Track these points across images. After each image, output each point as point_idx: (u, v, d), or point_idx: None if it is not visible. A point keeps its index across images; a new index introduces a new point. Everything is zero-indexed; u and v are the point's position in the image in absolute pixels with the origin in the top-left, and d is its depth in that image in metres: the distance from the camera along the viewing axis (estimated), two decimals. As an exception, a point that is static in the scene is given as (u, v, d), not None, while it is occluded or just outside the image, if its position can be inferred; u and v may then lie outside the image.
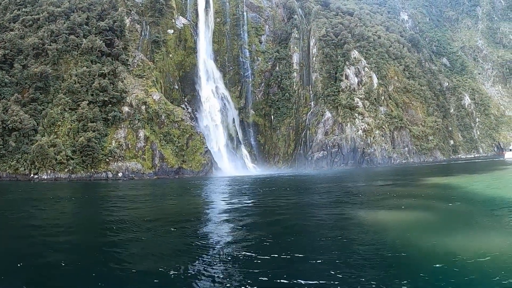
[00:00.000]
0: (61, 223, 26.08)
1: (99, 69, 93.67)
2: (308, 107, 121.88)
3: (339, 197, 36.53)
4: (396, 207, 27.32)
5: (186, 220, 25.21)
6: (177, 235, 20.09)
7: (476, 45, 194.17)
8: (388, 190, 41.48)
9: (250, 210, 30.03)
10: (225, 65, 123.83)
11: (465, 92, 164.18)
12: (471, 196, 33.49)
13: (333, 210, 28.33)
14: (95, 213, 30.36)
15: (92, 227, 24.14)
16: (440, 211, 25.30)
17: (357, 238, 18.19)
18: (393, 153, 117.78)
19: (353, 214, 24.82)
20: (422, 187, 42.70)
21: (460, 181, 48.17)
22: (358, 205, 29.63)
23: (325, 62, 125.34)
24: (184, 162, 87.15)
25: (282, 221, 24.25)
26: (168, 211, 31.17)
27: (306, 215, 26.69)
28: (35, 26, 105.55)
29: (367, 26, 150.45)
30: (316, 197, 38.18)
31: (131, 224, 23.72)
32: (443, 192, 36.73)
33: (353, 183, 54.61)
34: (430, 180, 50.78)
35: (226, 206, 33.66)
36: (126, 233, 21.11)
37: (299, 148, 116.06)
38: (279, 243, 17.90)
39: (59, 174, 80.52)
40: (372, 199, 33.54)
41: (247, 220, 25.17)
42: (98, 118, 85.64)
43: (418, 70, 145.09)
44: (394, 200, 30.93)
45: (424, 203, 29.40)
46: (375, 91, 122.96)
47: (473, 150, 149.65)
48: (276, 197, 39.54)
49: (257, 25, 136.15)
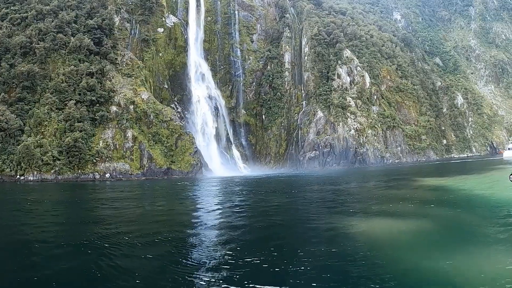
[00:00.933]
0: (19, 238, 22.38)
1: (87, 68, 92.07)
2: (300, 107, 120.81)
3: (330, 202, 34.27)
4: (391, 215, 25.06)
5: (172, 230, 23.56)
6: (162, 250, 18.32)
7: (469, 44, 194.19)
8: (381, 193, 39.68)
9: (233, 216, 28.51)
10: (216, 64, 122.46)
11: (458, 92, 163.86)
12: (472, 200, 31.04)
13: (322, 217, 25.99)
14: (63, 224, 28.10)
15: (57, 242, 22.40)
16: (438, 220, 22.98)
17: (344, 253, 16.22)
18: (386, 152, 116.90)
19: (343, 223, 22.63)
20: (417, 190, 40.69)
21: (457, 183, 46.07)
22: (349, 212, 27.27)
23: (317, 61, 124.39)
24: (173, 162, 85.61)
25: (266, 231, 22.43)
26: (154, 217, 29.60)
27: (294, 223, 24.72)
28: (23, 25, 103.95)
29: (360, 25, 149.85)
30: (305, 201, 36.43)
31: (110, 235, 22.07)
32: (441, 196, 34.45)
33: (345, 185, 53.09)
34: (426, 182, 48.79)
35: (211, 211, 32.22)
36: (105, 242, 19.53)
37: (290, 148, 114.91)
38: (258, 254, 16.38)
39: (46, 175, 78.79)
40: (364, 204, 31.28)
41: (226, 230, 23.67)
42: (85, 118, 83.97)
43: (411, 70, 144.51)
44: (388, 206, 28.75)
45: (421, 209, 26.85)
46: (368, 91, 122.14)
47: (466, 149, 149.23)
48: (264, 201, 37.94)
49: (248, 24, 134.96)
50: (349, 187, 49.40)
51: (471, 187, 40.20)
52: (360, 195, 39.61)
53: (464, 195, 34.42)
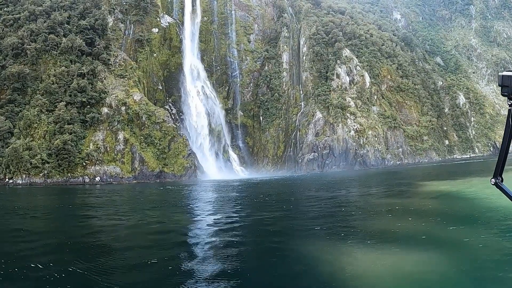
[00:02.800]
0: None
1: (78, 69, 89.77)
2: (298, 108, 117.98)
3: (324, 218, 29.53)
4: (397, 242, 19.35)
5: (159, 253, 20.72)
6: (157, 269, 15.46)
7: (470, 44, 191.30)
8: (385, 204, 35.84)
9: (220, 231, 25.81)
10: (212, 65, 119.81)
11: (459, 91, 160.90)
12: (489, 213, 26.21)
13: (310, 245, 21.06)
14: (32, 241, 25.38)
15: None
16: (451, 248, 18.41)
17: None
18: (387, 154, 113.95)
19: (334, 256, 18.52)
20: (422, 198, 36.77)
21: (466, 188, 41.85)
22: (345, 236, 22.83)
23: (316, 61, 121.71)
24: (165, 165, 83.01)
25: (243, 257, 19.33)
26: (145, 228, 26.79)
27: (278, 250, 20.60)
28: (16, 26, 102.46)
29: (359, 24, 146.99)
30: (298, 214, 33.06)
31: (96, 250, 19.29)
32: (449, 207, 29.82)
33: (343, 191, 49.82)
34: (430, 187, 45.06)
35: (202, 223, 29.48)
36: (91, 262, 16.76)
37: (289, 150, 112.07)
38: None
39: (35, 178, 76.72)
40: (364, 222, 27.09)
41: (212, 248, 20.96)
42: (75, 120, 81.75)
43: (411, 69, 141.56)
44: (393, 225, 24.28)
45: (428, 228, 22.62)
46: (368, 90, 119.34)
47: (468, 150, 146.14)
48: (255, 212, 34.83)
49: (245, 24, 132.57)
50: (348, 195, 45.97)
51: (480, 194, 36.18)
52: (360, 208, 35.17)
53: (476, 206, 30.27)
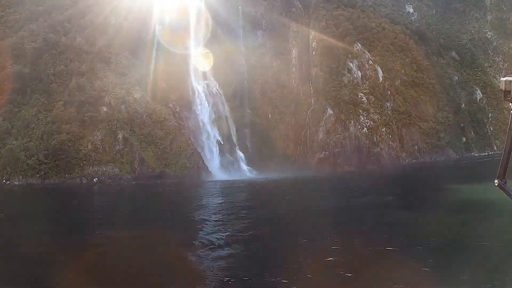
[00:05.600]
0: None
1: (78, 68, 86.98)
2: (308, 105, 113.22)
3: (331, 247, 23.72)
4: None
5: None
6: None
7: (485, 37, 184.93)
8: (399, 219, 29.41)
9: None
10: (218, 61, 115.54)
11: (476, 86, 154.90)
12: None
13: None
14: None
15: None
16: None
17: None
18: (402, 152, 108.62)
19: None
20: (450, 210, 29.60)
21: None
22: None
23: (326, 56, 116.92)
24: (167, 165, 79.36)
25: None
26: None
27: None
28: (17, 26, 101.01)
29: (371, 17, 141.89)
30: (303, 234, 27.33)
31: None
32: (499, 231, 21.48)
33: (357, 199, 43.12)
34: (458, 192, 36.97)
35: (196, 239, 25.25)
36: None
37: (298, 148, 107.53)
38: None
39: (31, 179, 74.85)
40: (373, 258, 21.08)
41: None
42: (74, 120, 78.83)
43: (426, 63, 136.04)
44: (410, 262, 17.41)
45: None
46: (381, 85, 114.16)
47: (487, 147, 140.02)
48: (241, 232, 29.61)
49: (253, 18, 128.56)
50: (362, 204, 39.14)
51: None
52: (371, 227, 28.48)
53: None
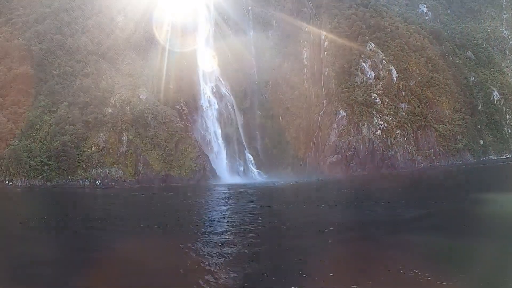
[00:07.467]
0: None
1: (83, 69, 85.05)
2: (319, 106, 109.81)
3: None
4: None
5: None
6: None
7: (502, 36, 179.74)
8: (425, 243, 23.06)
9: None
10: (227, 62, 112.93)
11: (493, 87, 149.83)
12: None
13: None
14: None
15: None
16: None
17: None
18: (417, 155, 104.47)
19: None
20: (490, 234, 23.01)
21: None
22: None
23: (338, 56, 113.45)
24: (172, 168, 76.82)
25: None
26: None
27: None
28: (24, 28, 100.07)
29: (384, 17, 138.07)
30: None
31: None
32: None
33: (371, 212, 38.10)
34: (492, 203, 30.99)
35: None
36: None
37: (310, 151, 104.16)
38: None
39: (34, 181, 73.51)
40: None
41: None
42: (77, 121, 76.84)
43: (441, 63, 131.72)
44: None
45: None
46: (395, 86, 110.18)
47: (505, 150, 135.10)
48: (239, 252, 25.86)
49: (264, 19, 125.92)
50: (389, 219, 33.56)
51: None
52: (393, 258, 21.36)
53: None
